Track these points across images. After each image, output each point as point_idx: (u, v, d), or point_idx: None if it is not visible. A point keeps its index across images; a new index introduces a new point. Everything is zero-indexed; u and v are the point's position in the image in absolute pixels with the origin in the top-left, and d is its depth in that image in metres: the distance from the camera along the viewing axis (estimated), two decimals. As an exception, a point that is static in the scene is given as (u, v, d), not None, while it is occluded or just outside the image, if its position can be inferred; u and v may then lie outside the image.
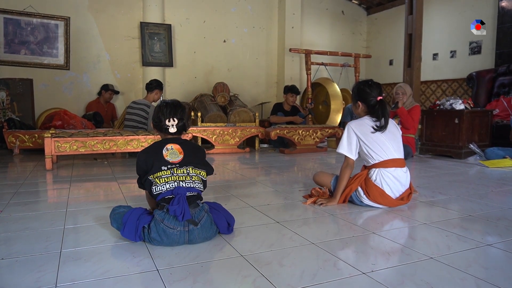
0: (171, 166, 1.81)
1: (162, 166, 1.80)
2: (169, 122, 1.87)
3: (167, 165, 1.81)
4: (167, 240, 1.70)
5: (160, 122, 1.89)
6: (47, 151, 3.84)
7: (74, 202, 2.57)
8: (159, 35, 6.84)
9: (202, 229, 1.75)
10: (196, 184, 1.84)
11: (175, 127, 1.88)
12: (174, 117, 1.87)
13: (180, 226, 1.70)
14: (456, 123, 4.65)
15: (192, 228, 1.72)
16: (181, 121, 1.90)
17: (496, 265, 1.56)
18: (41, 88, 6.18)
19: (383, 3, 8.66)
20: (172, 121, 1.87)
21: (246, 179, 3.48)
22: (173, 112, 1.88)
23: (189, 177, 1.82)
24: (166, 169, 1.80)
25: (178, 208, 1.69)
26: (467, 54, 6.99)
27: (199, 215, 1.76)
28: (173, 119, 1.87)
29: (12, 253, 1.66)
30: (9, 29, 5.90)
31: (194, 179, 1.84)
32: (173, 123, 1.87)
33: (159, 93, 4.96)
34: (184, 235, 1.71)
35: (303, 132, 5.39)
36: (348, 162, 2.45)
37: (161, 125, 1.89)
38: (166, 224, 1.69)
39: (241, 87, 7.53)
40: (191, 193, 1.80)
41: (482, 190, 2.97)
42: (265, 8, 7.84)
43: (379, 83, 2.52)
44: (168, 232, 1.69)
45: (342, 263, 1.55)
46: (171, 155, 1.83)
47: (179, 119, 1.89)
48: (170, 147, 1.85)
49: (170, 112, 1.87)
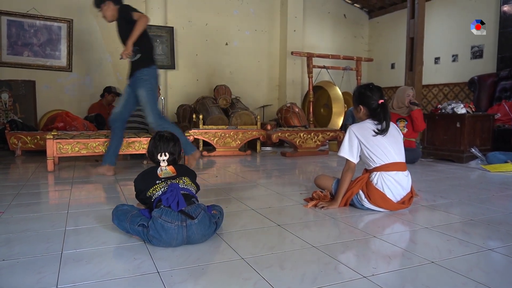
0: (165, 179, 2.00)
1: (157, 181, 1.98)
2: (160, 157, 2.09)
3: (161, 179, 2.00)
4: (166, 236, 1.70)
5: (153, 155, 2.12)
6: (49, 152, 3.84)
7: (76, 204, 2.57)
8: (161, 37, 6.86)
9: (200, 224, 1.75)
10: (190, 187, 2.00)
11: (166, 162, 2.09)
12: (166, 152, 2.09)
13: (177, 221, 1.71)
14: (458, 127, 4.64)
15: (190, 223, 1.72)
16: (171, 156, 2.10)
17: (497, 270, 1.56)
18: (43, 89, 6.20)
19: (385, 7, 8.67)
20: (164, 156, 2.09)
21: (247, 181, 3.48)
22: (165, 147, 2.09)
23: (183, 182, 2.00)
24: (161, 182, 1.98)
25: (171, 196, 1.79)
26: (469, 58, 6.99)
27: (196, 211, 1.78)
28: (164, 154, 2.08)
29: (13, 254, 1.66)
30: (12, 31, 5.93)
31: (187, 184, 2.01)
32: (164, 158, 2.09)
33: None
34: (182, 230, 1.71)
35: (304, 135, 5.39)
36: (350, 165, 2.45)
37: (154, 158, 2.12)
38: (164, 218, 1.71)
39: (242, 89, 7.54)
40: (185, 192, 1.92)
41: (483, 195, 2.96)
42: (267, 11, 7.86)
43: (380, 86, 2.52)
44: (166, 226, 1.69)
45: (343, 267, 1.55)
46: (165, 174, 2.04)
47: (170, 154, 2.09)
48: (164, 167, 2.07)
49: (162, 147, 2.09)
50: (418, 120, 4.29)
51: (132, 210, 1.93)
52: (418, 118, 4.28)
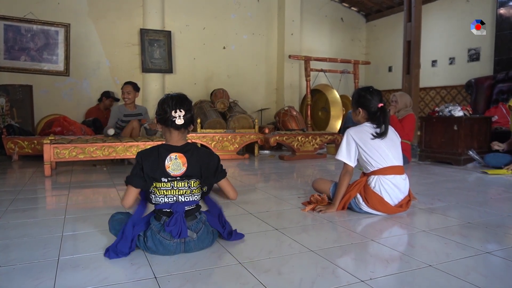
0: (172, 179, 1.72)
1: (162, 177, 1.71)
2: (175, 113, 1.68)
3: (167, 177, 1.71)
4: (163, 250, 1.69)
5: (165, 114, 1.70)
6: (46, 157, 3.83)
7: (73, 209, 2.56)
8: (159, 41, 6.87)
9: (199, 240, 1.74)
10: (195, 197, 1.78)
11: (182, 119, 1.69)
12: (181, 108, 1.69)
13: (176, 238, 1.69)
14: (455, 130, 4.65)
15: (189, 239, 1.71)
16: (188, 112, 1.72)
17: (495, 273, 1.56)
18: (40, 94, 6.19)
19: (382, 10, 8.71)
20: (179, 112, 1.68)
21: (245, 185, 3.47)
22: (179, 103, 1.70)
23: (190, 190, 1.75)
24: (166, 181, 1.71)
25: (175, 229, 1.65)
26: (466, 61, 7.02)
27: (197, 227, 1.75)
28: (179, 110, 1.69)
29: (10, 260, 1.65)
30: (9, 35, 5.92)
31: (194, 192, 1.77)
32: (180, 114, 1.68)
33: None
34: (180, 246, 1.71)
35: (302, 139, 5.39)
36: (347, 169, 2.45)
37: (167, 117, 1.70)
38: (163, 235, 1.68)
39: (240, 93, 7.55)
40: (189, 207, 1.76)
41: (481, 197, 2.96)
42: (265, 15, 7.88)
43: (379, 90, 2.53)
44: (165, 243, 1.68)
45: (341, 271, 1.55)
46: (173, 166, 1.70)
47: (186, 110, 1.71)
48: (174, 156, 1.71)
49: (176, 103, 1.70)
50: (391, 125, 4.35)
51: (127, 218, 1.83)
52: (391, 124, 4.35)
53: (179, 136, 1.77)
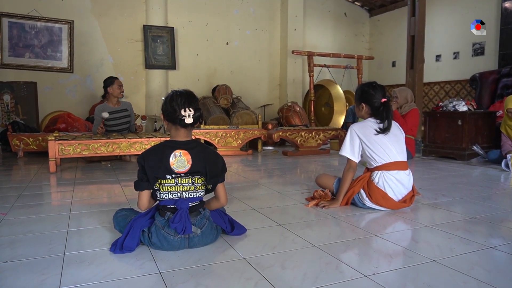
0: (176, 176, 1.71)
1: (166, 175, 1.70)
2: (185, 112, 1.67)
3: (171, 174, 1.71)
4: (168, 246, 1.71)
5: (174, 113, 1.68)
6: (51, 154, 3.86)
7: (78, 205, 2.58)
8: (162, 38, 6.87)
9: (203, 236, 1.75)
10: (199, 193, 1.78)
11: (191, 118, 1.68)
12: (190, 107, 1.68)
13: (181, 234, 1.70)
14: (459, 125, 4.64)
15: (193, 235, 1.72)
16: (197, 111, 1.71)
17: (499, 268, 1.56)
18: (45, 91, 6.22)
19: (386, 4, 8.66)
20: (189, 111, 1.67)
21: (249, 181, 3.48)
22: (188, 102, 1.68)
23: (194, 186, 1.75)
24: (171, 178, 1.71)
25: (179, 226, 1.66)
26: (470, 55, 6.98)
27: (201, 223, 1.76)
28: (189, 109, 1.67)
29: (16, 256, 1.67)
30: (14, 32, 5.94)
31: (198, 188, 1.77)
32: (190, 113, 1.67)
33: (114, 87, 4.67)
34: (184, 242, 1.72)
35: (305, 134, 5.39)
36: (351, 164, 2.45)
37: (175, 116, 1.69)
38: (167, 231, 1.70)
39: (243, 89, 7.55)
40: (194, 203, 1.76)
41: (485, 192, 2.96)
42: (267, 11, 7.86)
43: (383, 85, 2.52)
44: (169, 238, 1.70)
45: (344, 266, 1.56)
46: (178, 163, 1.69)
47: (195, 109, 1.69)
48: (179, 153, 1.70)
49: (185, 102, 1.68)
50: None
51: (131, 214, 1.89)
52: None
53: (185, 133, 1.77)
